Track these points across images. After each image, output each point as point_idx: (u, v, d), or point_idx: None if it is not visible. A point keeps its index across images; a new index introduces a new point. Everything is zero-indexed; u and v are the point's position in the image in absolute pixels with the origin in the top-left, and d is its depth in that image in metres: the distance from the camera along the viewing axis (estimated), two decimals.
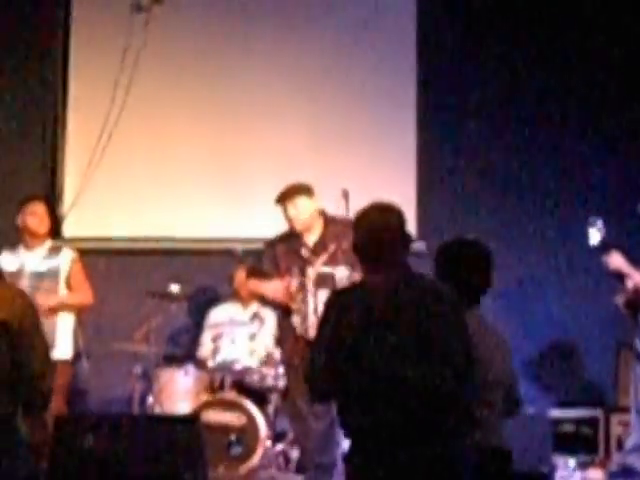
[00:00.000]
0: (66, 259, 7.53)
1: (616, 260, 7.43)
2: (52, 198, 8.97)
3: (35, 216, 7.53)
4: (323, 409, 6.63)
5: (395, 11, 9.28)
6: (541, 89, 9.10)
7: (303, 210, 7.10)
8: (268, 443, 7.47)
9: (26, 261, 7.47)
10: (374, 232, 4.39)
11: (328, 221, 7.16)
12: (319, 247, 7.08)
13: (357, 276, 6.65)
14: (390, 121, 9.23)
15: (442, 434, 4.29)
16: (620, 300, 7.59)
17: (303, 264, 7.08)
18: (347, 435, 4.50)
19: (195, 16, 9.31)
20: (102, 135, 9.05)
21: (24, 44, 9.32)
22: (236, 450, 7.43)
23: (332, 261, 7.01)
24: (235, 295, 8.52)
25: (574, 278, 8.80)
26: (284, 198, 7.11)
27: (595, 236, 7.37)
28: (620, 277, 7.50)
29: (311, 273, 7.02)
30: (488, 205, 9.06)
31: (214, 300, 8.75)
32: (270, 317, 8.17)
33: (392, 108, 9.23)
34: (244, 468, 7.38)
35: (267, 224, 7.55)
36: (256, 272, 7.36)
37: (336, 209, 7.24)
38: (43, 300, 7.31)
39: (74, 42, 9.40)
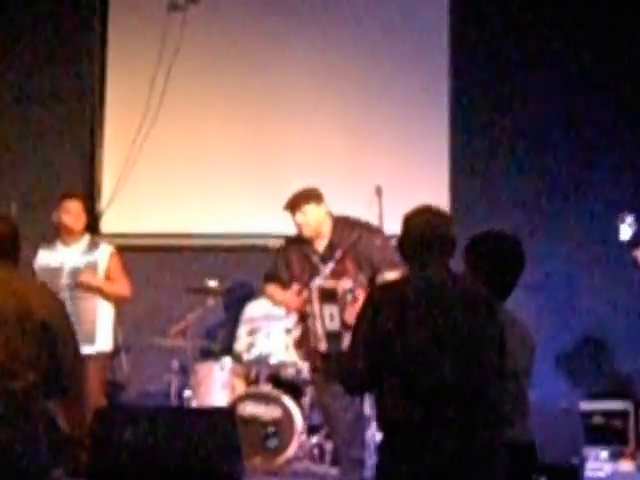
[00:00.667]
0: (104, 254, 7.58)
1: None
2: (90, 195, 9.02)
3: (70, 214, 7.57)
4: (347, 402, 6.67)
5: (426, 10, 9.26)
6: (571, 86, 9.07)
7: (311, 218, 7.10)
8: (303, 436, 7.48)
9: (65, 257, 7.52)
10: (427, 231, 4.45)
11: (336, 223, 7.14)
12: (328, 253, 7.07)
13: (361, 291, 6.73)
14: (422, 118, 9.20)
15: (472, 429, 4.31)
16: None
17: (312, 271, 7.09)
18: (381, 428, 4.52)
19: (231, 16, 9.31)
20: (139, 134, 9.07)
21: (63, 46, 9.37)
22: (272, 442, 7.44)
23: (338, 271, 6.99)
24: None
25: (604, 272, 8.75)
26: (292, 206, 7.14)
27: (626, 231, 7.38)
28: None
29: (315, 285, 6.99)
30: (519, 200, 9.01)
31: (250, 295, 8.74)
32: None
33: (424, 106, 9.22)
34: (279, 460, 7.39)
35: None
36: (273, 277, 7.34)
37: (369, 206, 7.28)
38: (87, 277, 7.39)
39: (111, 43, 9.44)
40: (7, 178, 8.99)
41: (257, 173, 9.17)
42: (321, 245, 7.14)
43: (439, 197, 8.99)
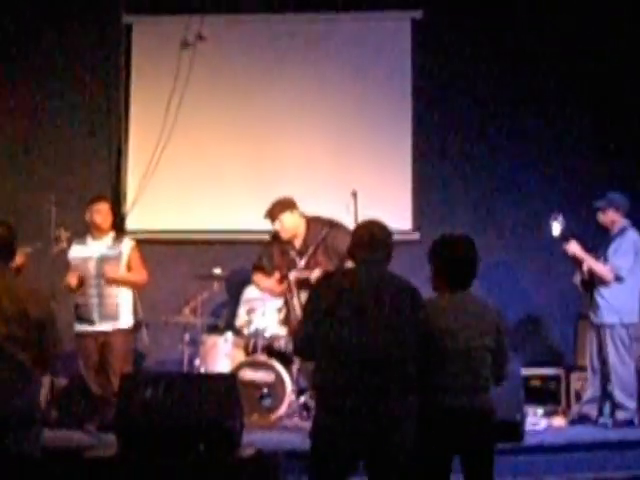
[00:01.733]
0: (127, 247, 7.51)
1: (574, 248, 7.41)
2: (117, 200, 8.99)
3: (100, 213, 7.51)
4: None
5: (394, 48, 9.24)
6: (512, 113, 9.09)
7: (287, 224, 7.24)
8: (293, 396, 7.44)
9: (94, 249, 7.45)
10: (367, 238, 4.63)
11: (309, 223, 7.26)
12: (303, 248, 7.20)
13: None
14: (390, 135, 9.18)
15: (387, 395, 4.39)
16: (577, 280, 7.57)
17: (290, 264, 7.25)
18: (314, 390, 4.73)
19: (233, 51, 9.30)
20: (157, 149, 9.05)
21: (93, 75, 9.32)
22: (266, 402, 7.40)
23: (312, 262, 7.11)
24: None
25: (540, 262, 8.75)
26: (270, 216, 7.26)
27: (557, 228, 7.35)
28: (577, 261, 7.48)
29: (292, 276, 7.19)
30: (471, 203, 9.03)
31: (247, 281, 8.67)
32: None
33: (392, 125, 9.19)
34: (273, 417, 7.35)
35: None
36: (259, 268, 7.53)
37: (347, 207, 7.25)
38: (110, 271, 7.31)
39: (134, 73, 9.40)
40: (47, 185, 8.90)
41: (254, 179, 9.12)
42: (297, 242, 7.26)
43: (404, 198, 9.02)
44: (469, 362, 4.62)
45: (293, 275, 7.23)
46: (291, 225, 7.26)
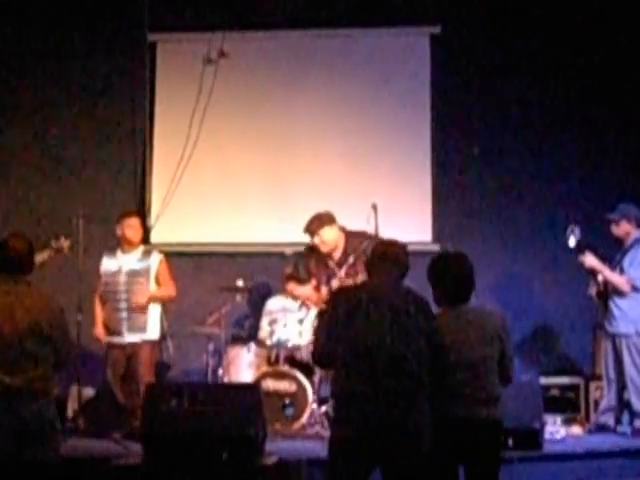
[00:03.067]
0: (155, 261, 7.57)
1: (589, 259, 7.42)
2: (142, 213, 9.04)
3: (131, 228, 7.59)
4: None
5: (412, 62, 9.26)
6: (530, 126, 9.12)
7: (327, 238, 7.28)
8: (314, 406, 7.45)
9: (124, 262, 7.52)
10: (381, 255, 4.81)
11: (348, 236, 7.28)
12: (342, 260, 7.22)
13: None
14: (409, 147, 9.19)
15: (408, 401, 4.48)
16: (592, 291, 7.58)
17: (329, 275, 7.28)
18: (334, 398, 4.78)
19: (255, 67, 9.33)
20: (180, 164, 9.09)
21: (118, 92, 9.41)
22: (289, 411, 7.41)
23: (352, 272, 7.11)
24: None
25: (555, 273, 8.75)
26: (309, 231, 7.30)
27: (573, 240, 7.37)
28: (593, 273, 7.49)
29: (334, 284, 7.15)
30: (489, 215, 9.04)
31: (269, 292, 8.74)
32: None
33: (411, 137, 9.20)
34: (295, 426, 7.36)
35: None
36: (294, 277, 7.58)
37: (367, 219, 7.26)
38: (138, 299, 7.38)
39: (158, 89, 9.46)
40: (74, 199, 8.98)
41: (275, 193, 9.18)
42: (336, 254, 7.29)
43: (424, 211, 9.04)
44: (474, 374, 4.71)
45: (335, 283, 7.21)
46: (331, 239, 7.31)
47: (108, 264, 7.53)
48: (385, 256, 4.79)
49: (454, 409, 4.65)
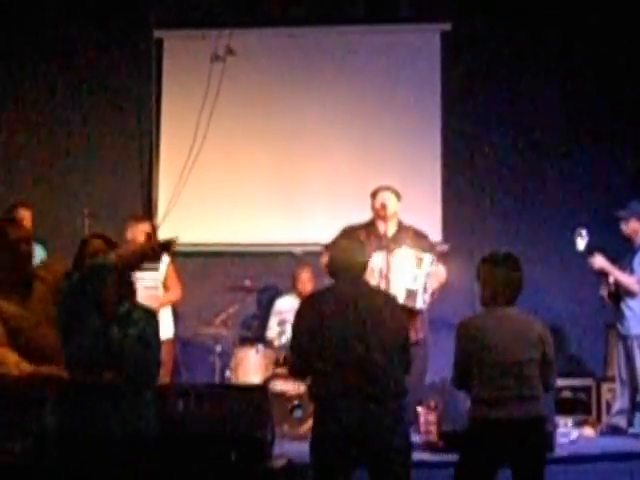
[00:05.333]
0: (163, 263, 7.54)
1: (599, 261, 7.41)
2: (148, 211, 9.07)
3: (144, 234, 7.56)
4: None
5: (422, 62, 9.28)
6: (542, 126, 9.11)
7: (391, 203, 7.00)
8: None
9: None
10: (343, 257, 4.86)
11: (401, 226, 7.07)
12: (397, 235, 6.95)
13: (439, 265, 6.75)
14: (419, 147, 9.21)
15: (382, 397, 4.59)
16: (604, 292, 7.56)
17: (380, 249, 6.82)
18: (313, 400, 4.88)
19: (262, 66, 9.35)
20: (187, 163, 9.07)
21: (125, 91, 9.42)
22: (297, 413, 7.42)
23: (400, 243, 6.83)
24: (295, 289, 8.53)
25: (567, 275, 8.74)
26: (381, 188, 7.04)
27: (581, 243, 7.35)
28: (603, 274, 7.48)
29: (403, 251, 6.76)
30: (500, 215, 9.04)
31: (278, 293, 8.76)
32: None
33: (421, 136, 9.22)
34: (303, 427, 7.35)
35: (320, 231, 7.55)
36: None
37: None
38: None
39: (165, 84, 9.47)
40: (79, 198, 9.01)
41: (284, 192, 9.20)
42: (389, 231, 6.96)
43: (433, 212, 9.01)
44: (516, 374, 4.75)
45: (405, 250, 6.82)
46: (391, 206, 7.02)
47: None
48: (347, 258, 4.85)
49: (498, 410, 4.69)
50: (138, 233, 7.54)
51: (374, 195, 7.08)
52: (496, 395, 4.70)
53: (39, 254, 7.45)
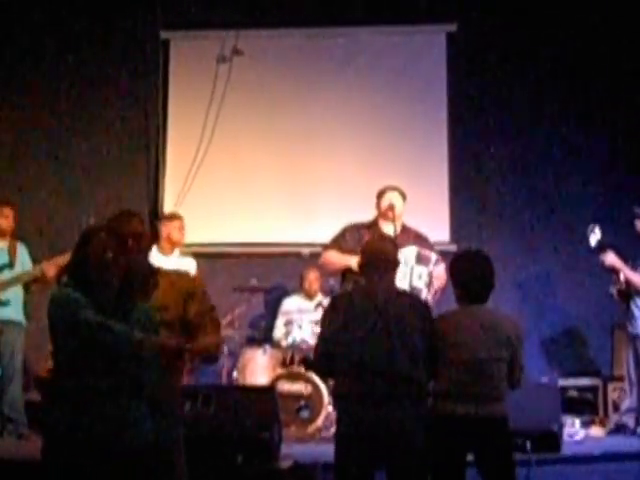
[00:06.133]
0: (192, 266, 7.50)
1: (610, 258, 7.38)
2: (155, 213, 9.07)
3: (181, 230, 7.57)
4: None
5: (428, 63, 9.31)
6: (548, 125, 9.11)
7: (399, 204, 6.91)
8: (330, 408, 7.44)
9: (162, 263, 7.44)
10: (374, 256, 4.86)
11: (404, 228, 6.96)
12: (403, 235, 6.82)
13: (442, 264, 6.59)
14: (426, 147, 9.22)
15: (403, 400, 4.60)
16: (614, 290, 7.54)
17: None
18: (334, 400, 4.93)
19: (269, 67, 9.36)
20: (194, 162, 9.11)
21: (133, 92, 9.43)
22: (304, 414, 7.41)
23: (404, 244, 6.63)
24: (302, 289, 8.54)
25: (576, 273, 8.73)
26: (388, 188, 6.98)
27: (593, 239, 7.32)
28: (614, 272, 7.45)
29: (410, 249, 6.66)
30: (507, 215, 9.05)
31: (285, 293, 8.76)
32: None
33: (427, 137, 9.23)
34: (311, 428, 7.37)
35: (328, 232, 7.53)
36: (335, 245, 6.91)
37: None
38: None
39: (172, 88, 9.49)
40: (85, 199, 9.05)
41: (290, 193, 9.21)
42: (390, 229, 6.82)
43: (441, 213, 9.01)
44: (480, 372, 4.71)
45: (411, 248, 6.70)
46: (399, 206, 6.91)
47: None
48: (380, 257, 4.85)
49: (457, 405, 4.67)
50: (172, 229, 7.53)
51: (381, 195, 7.04)
52: (459, 391, 4.69)
53: (22, 253, 7.48)
